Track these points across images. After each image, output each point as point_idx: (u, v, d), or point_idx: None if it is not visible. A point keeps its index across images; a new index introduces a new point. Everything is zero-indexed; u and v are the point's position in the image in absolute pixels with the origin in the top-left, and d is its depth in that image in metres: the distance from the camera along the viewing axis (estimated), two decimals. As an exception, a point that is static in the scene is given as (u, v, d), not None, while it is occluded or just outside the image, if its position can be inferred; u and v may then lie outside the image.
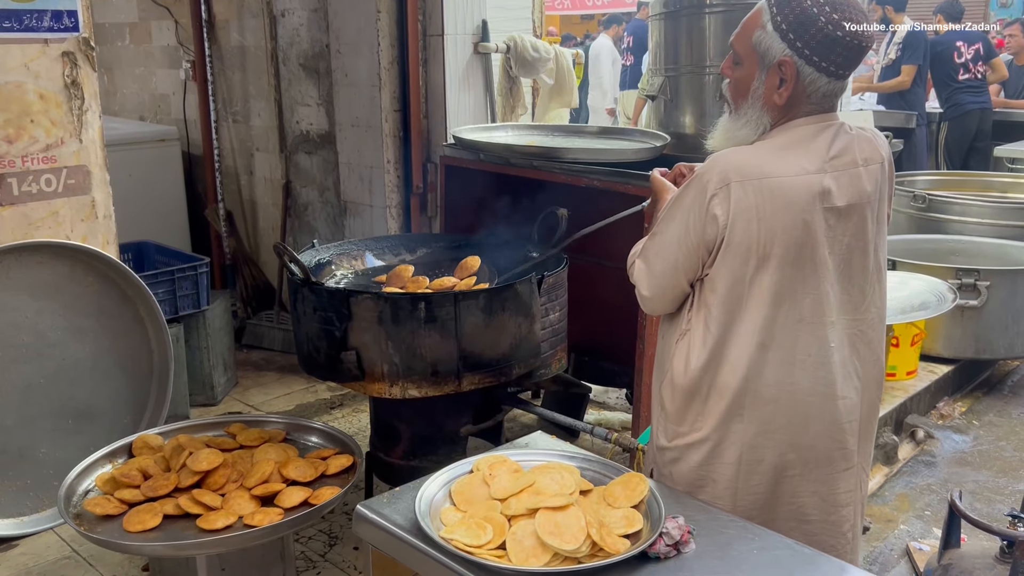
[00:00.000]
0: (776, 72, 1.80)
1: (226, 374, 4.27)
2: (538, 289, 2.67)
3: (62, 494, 2.28)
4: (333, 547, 3.03)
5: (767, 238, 1.76)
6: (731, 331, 1.82)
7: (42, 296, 3.02)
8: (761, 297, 1.79)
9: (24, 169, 2.94)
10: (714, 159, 1.81)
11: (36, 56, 2.92)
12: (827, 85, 1.79)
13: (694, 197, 1.81)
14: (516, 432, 3.61)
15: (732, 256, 1.78)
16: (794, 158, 1.78)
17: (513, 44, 4.44)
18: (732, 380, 1.83)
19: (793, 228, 1.76)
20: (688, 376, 1.88)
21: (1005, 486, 3.56)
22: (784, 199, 1.75)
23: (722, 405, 1.85)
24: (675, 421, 1.93)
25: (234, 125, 5.17)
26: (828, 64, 1.76)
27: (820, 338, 1.83)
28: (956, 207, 5.07)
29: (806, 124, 1.82)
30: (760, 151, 1.81)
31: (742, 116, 1.88)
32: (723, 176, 1.76)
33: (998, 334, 4.32)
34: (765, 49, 1.80)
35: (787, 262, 1.78)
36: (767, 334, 1.81)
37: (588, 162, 3.33)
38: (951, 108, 7.39)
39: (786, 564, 1.58)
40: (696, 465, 1.90)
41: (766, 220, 1.75)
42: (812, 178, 1.77)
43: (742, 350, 1.81)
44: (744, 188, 1.75)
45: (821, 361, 1.84)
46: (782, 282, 1.79)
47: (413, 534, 1.66)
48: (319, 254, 3.02)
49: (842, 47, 1.75)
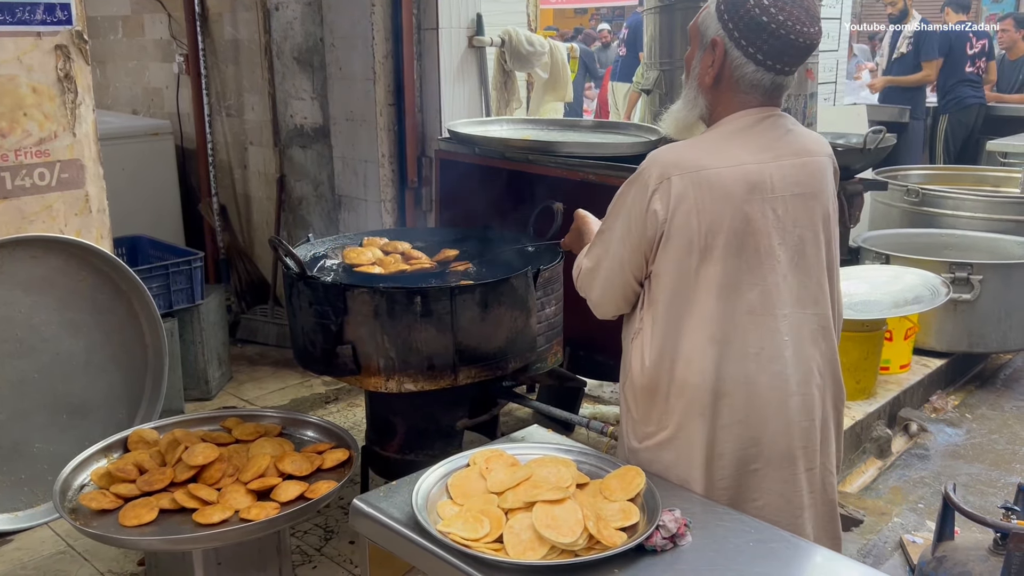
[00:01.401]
0: (710, 51, 1.83)
1: (220, 369, 4.26)
2: (534, 283, 2.67)
3: (57, 489, 2.27)
4: (329, 541, 3.03)
5: (707, 229, 1.77)
6: (681, 325, 1.83)
7: (36, 291, 3.01)
8: (707, 289, 1.80)
9: (17, 163, 2.92)
10: (653, 156, 1.84)
11: (29, 49, 2.90)
12: (755, 73, 1.79)
13: (635, 195, 1.83)
14: (512, 426, 3.61)
15: (674, 249, 1.80)
16: (733, 149, 1.80)
17: (508, 38, 4.44)
18: (688, 375, 1.83)
19: (733, 219, 1.78)
20: (646, 375, 1.88)
21: (998, 478, 3.58)
22: (722, 190, 1.77)
23: (682, 402, 1.85)
24: (642, 422, 1.93)
25: (228, 119, 5.16)
26: (755, 51, 1.77)
27: (772, 330, 1.83)
28: (949, 201, 5.09)
29: (745, 116, 1.83)
30: (698, 144, 1.84)
31: (683, 97, 1.92)
32: (662, 171, 1.79)
33: (991, 328, 4.34)
34: (705, 28, 1.84)
35: (730, 253, 1.79)
36: (716, 327, 1.81)
37: (583, 156, 3.33)
38: (952, 101, 7.40)
39: (782, 556, 1.59)
40: (670, 464, 1.89)
41: (705, 212, 1.77)
42: (750, 168, 1.78)
43: (693, 344, 1.82)
44: (683, 181, 1.77)
45: (774, 355, 1.84)
46: (727, 273, 1.80)
47: (410, 528, 1.66)
48: (314, 248, 3.02)
49: (768, 34, 1.75)
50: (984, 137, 7.09)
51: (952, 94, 7.40)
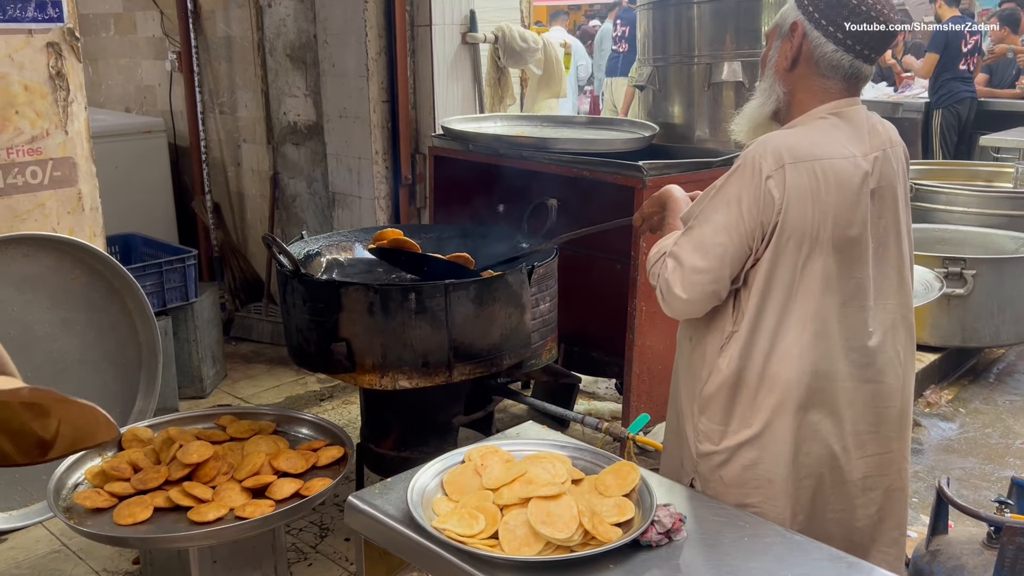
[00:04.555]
0: (788, 38, 1.81)
1: (215, 367, 4.25)
2: (528, 279, 2.67)
3: (51, 488, 2.27)
4: (324, 538, 3.03)
5: (819, 221, 1.74)
6: (782, 320, 1.78)
7: (29, 289, 3.00)
8: (813, 283, 1.77)
9: (9, 161, 2.91)
10: (762, 142, 1.77)
11: (20, 47, 2.89)
12: (835, 54, 1.76)
13: (746, 182, 1.75)
14: (506, 422, 3.61)
15: (785, 241, 1.75)
16: (840, 139, 1.77)
17: (501, 34, 4.43)
18: (782, 371, 1.78)
19: (844, 211, 1.75)
20: (731, 372, 1.82)
21: (991, 472, 3.60)
22: (836, 181, 1.74)
23: (772, 399, 1.80)
24: (720, 421, 1.86)
25: (221, 116, 5.14)
26: (835, 29, 1.75)
27: (861, 322, 1.81)
28: (942, 196, 5.10)
29: (839, 107, 1.80)
30: (808, 132, 1.79)
31: (757, 90, 1.89)
32: (777, 157, 1.73)
33: (984, 322, 4.35)
34: (784, 19, 1.83)
35: (836, 247, 1.76)
36: (819, 322, 1.77)
37: (577, 152, 3.33)
38: (945, 96, 7.42)
39: (775, 551, 1.59)
40: (749, 464, 1.84)
41: (820, 203, 1.73)
42: (858, 160, 1.77)
43: (793, 339, 1.77)
44: (798, 169, 1.72)
45: (858, 346, 1.82)
46: (831, 267, 1.77)
47: (405, 524, 1.66)
48: (308, 245, 3.01)
49: (848, 11, 1.73)
50: (977, 132, 7.11)
51: (944, 89, 7.42)
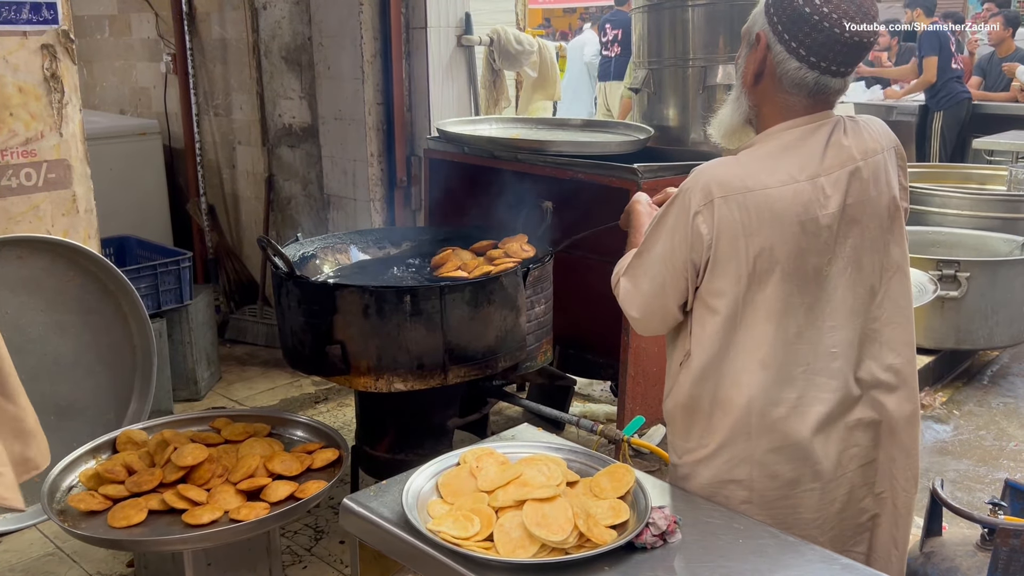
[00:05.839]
0: (754, 47, 1.74)
1: (209, 369, 4.25)
2: (523, 282, 2.67)
3: (45, 490, 2.26)
4: (319, 541, 3.03)
5: (756, 254, 1.69)
6: (729, 348, 1.75)
7: (23, 291, 2.99)
8: (757, 314, 1.72)
9: (3, 163, 2.91)
10: (696, 174, 1.74)
11: (15, 49, 2.89)
12: (798, 71, 1.69)
13: (677, 215, 1.74)
14: (501, 425, 3.61)
15: (721, 275, 1.72)
16: (783, 166, 1.70)
17: (496, 37, 4.43)
18: (734, 395, 1.76)
19: (784, 241, 1.69)
20: (688, 392, 1.81)
21: (985, 474, 3.61)
22: (770, 212, 1.67)
23: (728, 421, 1.78)
24: (682, 437, 1.87)
25: (216, 118, 5.14)
26: (797, 45, 1.67)
27: (815, 344, 1.75)
28: (936, 199, 5.11)
29: (795, 127, 1.73)
30: (746, 162, 1.73)
31: (729, 98, 1.84)
32: (706, 192, 1.69)
33: (978, 325, 4.37)
34: (752, 25, 1.76)
35: (782, 277, 1.71)
36: (767, 350, 1.73)
37: (572, 155, 3.33)
38: (945, 98, 7.43)
39: (770, 553, 1.60)
40: (707, 482, 1.83)
41: (753, 236, 1.68)
42: (802, 186, 1.69)
43: (742, 366, 1.75)
44: (728, 204, 1.67)
45: (820, 369, 1.76)
46: (779, 297, 1.72)
47: (400, 527, 1.66)
48: (303, 248, 3.01)
49: (809, 27, 1.65)
50: (971, 135, 7.13)
51: (944, 91, 7.43)
